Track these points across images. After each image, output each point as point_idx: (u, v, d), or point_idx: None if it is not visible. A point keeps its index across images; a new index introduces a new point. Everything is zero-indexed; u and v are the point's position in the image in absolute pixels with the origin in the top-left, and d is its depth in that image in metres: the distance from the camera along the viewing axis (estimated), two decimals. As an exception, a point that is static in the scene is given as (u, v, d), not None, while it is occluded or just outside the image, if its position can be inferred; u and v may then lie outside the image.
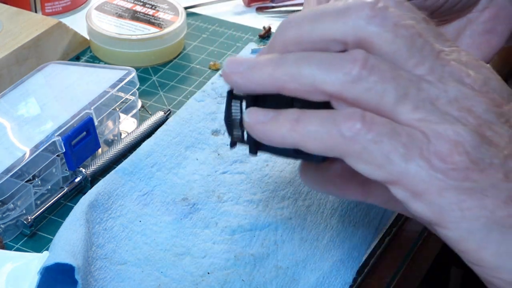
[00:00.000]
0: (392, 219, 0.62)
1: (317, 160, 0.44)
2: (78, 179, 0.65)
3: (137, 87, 0.71)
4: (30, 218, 0.61)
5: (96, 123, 0.66)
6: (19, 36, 0.77)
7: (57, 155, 0.63)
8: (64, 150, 0.63)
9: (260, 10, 0.92)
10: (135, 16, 0.83)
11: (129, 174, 0.63)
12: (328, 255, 0.58)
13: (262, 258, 0.58)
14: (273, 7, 0.92)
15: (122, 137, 0.70)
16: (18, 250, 0.60)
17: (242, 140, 0.46)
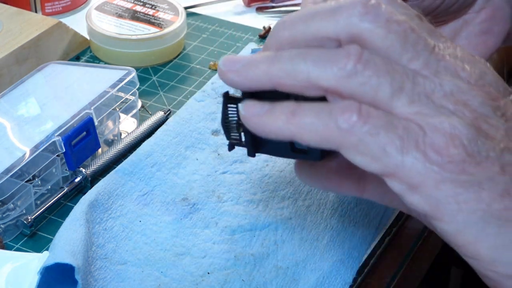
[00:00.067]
0: (392, 219, 0.62)
1: (314, 158, 0.44)
2: (78, 179, 0.65)
3: (137, 87, 0.71)
4: (30, 218, 0.61)
5: (96, 123, 0.66)
6: (19, 36, 0.77)
7: (57, 155, 0.63)
8: (64, 150, 0.63)
9: (260, 10, 0.92)
10: (135, 16, 0.83)
11: (129, 174, 0.63)
12: (328, 255, 0.58)
13: (262, 258, 0.57)
14: (273, 7, 0.92)
15: (122, 137, 0.70)
16: (18, 250, 0.60)
17: (240, 142, 0.46)
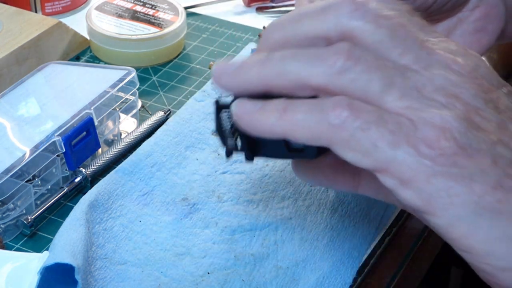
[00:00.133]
0: (392, 219, 0.62)
1: (311, 156, 0.44)
2: (78, 179, 0.65)
3: (137, 87, 0.71)
4: (30, 218, 0.61)
5: (96, 123, 0.66)
6: (19, 36, 0.77)
7: (57, 155, 0.63)
8: (64, 150, 0.63)
9: (260, 10, 0.92)
10: (135, 16, 0.83)
11: (129, 174, 0.63)
12: (328, 255, 0.58)
13: (262, 258, 0.57)
14: (273, 7, 0.92)
15: (122, 137, 0.70)
16: (18, 250, 0.60)
17: (236, 148, 0.46)
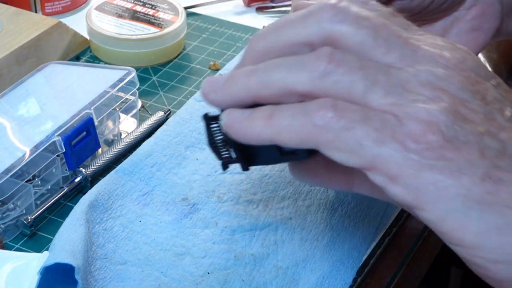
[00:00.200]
0: (392, 219, 0.62)
1: (303, 157, 0.44)
2: (78, 179, 0.65)
3: (137, 87, 0.71)
4: (30, 218, 0.61)
5: (96, 123, 0.66)
6: (19, 36, 0.77)
7: (57, 155, 0.63)
8: (64, 150, 0.63)
9: (260, 10, 0.92)
10: (135, 16, 0.83)
11: (129, 174, 0.63)
12: (328, 255, 0.58)
13: (262, 258, 0.57)
14: (273, 7, 0.92)
15: (122, 137, 0.70)
16: (18, 250, 0.60)
17: (231, 159, 0.46)
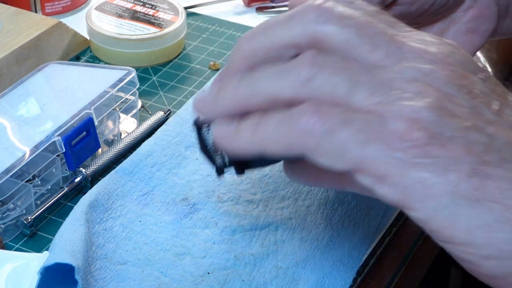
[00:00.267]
0: (392, 219, 0.62)
1: (293, 156, 0.44)
2: (78, 179, 0.65)
3: (137, 87, 0.71)
4: (30, 218, 0.61)
5: (96, 123, 0.66)
6: (19, 36, 0.77)
7: (57, 155, 0.63)
8: (64, 150, 0.63)
9: (260, 10, 0.92)
10: (135, 16, 0.83)
11: (129, 174, 0.63)
12: (328, 255, 0.58)
13: (262, 258, 0.57)
14: (273, 7, 0.92)
15: (122, 137, 0.70)
16: (18, 250, 0.60)
17: (225, 165, 0.46)
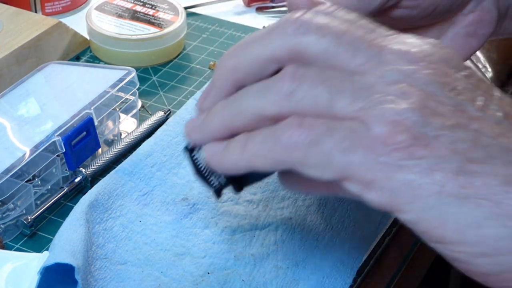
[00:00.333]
0: (392, 219, 0.62)
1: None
2: (78, 179, 0.65)
3: (137, 87, 0.71)
4: (30, 218, 0.61)
5: (96, 123, 0.66)
6: (19, 36, 0.77)
7: (57, 155, 0.63)
8: (64, 150, 0.63)
9: (260, 10, 0.92)
10: (135, 16, 0.83)
11: (129, 174, 0.63)
12: (328, 255, 0.58)
13: (262, 258, 0.57)
14: (273, 7, 0.92)
15: (122, 137, 0.70)
16: (18, 250, 0.60)
17: (222, 186, 0.46)
